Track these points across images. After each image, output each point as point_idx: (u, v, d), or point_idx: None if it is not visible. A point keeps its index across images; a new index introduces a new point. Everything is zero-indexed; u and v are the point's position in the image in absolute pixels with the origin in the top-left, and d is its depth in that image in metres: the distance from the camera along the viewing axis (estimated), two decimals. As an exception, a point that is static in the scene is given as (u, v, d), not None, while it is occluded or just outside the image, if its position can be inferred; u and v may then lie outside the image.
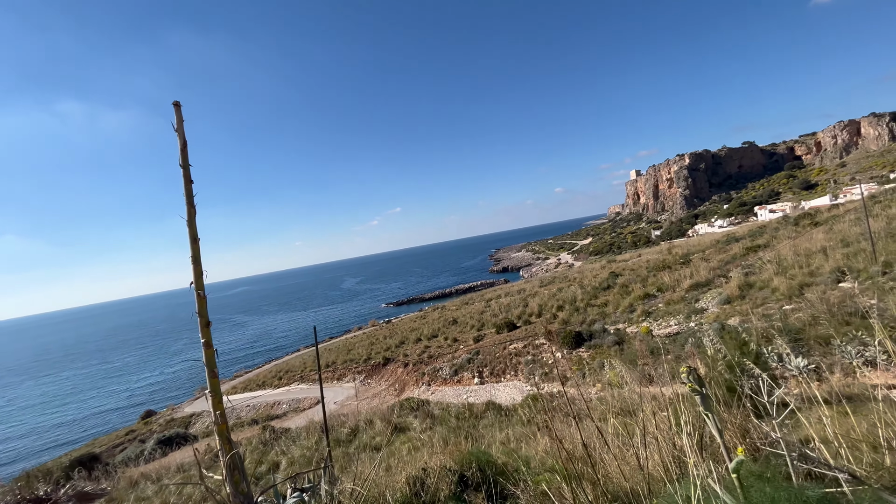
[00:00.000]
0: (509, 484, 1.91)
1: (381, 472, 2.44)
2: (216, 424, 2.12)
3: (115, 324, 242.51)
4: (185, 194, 2.21)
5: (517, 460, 2.09)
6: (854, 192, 72.60)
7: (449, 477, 1.97)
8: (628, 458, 1.77)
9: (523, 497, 1.79)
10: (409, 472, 2.11)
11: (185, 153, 2.19)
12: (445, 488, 1.93)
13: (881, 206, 25.60)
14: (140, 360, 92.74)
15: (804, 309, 15.48)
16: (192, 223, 2.19)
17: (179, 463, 16.19)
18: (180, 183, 2.12)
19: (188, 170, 2.19)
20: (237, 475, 2.03)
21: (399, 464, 3.38)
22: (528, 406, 12.25)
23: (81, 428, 49.48)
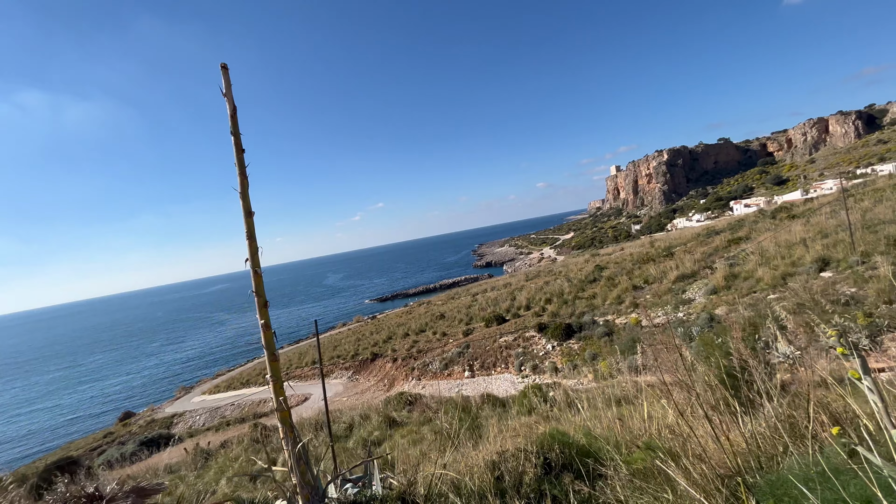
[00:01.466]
0: (597, 464, 1.84)
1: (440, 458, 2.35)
2: (278, 411, 1.98)
3: (86, 324, 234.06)
4: (236, 164, 2.04)
5: (594, 440, 2.02)
6: (824, 186, 75.49)
7: (532, 459, 1.87)
8: (722, 432, 1.72)
9: (617, 477, 1.72)
10: (484, 455, 2.01)
11: (235, 119, 2.01)
12: (531, 471, 1.84)
13: (854, 199, 26.60)
14: (114, 361, 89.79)
15: (788, 298, 16.00)
16: (245, 195, 2.03)
17: (167, 464, 15.71)
18: (159, 173, 1.97)
19: (239, 138, 2.02)
20: (303, 465, 1.90)
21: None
22: (531, 396, 12.28)
23: (54, 433, 47.61)
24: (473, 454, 2.12)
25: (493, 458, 1.97)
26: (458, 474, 1.90)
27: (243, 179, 2.02)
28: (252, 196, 2.01)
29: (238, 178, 2.04)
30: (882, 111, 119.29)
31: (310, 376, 36.58)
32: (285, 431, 1.97)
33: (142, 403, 50.38)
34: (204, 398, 39.66)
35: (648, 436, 2.19)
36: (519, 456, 1.95)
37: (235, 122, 2.02)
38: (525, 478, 1.81)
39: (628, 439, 2.01)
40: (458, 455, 2.55)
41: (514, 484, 1.80)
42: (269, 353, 1.96)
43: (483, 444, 2.46)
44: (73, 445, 36.23)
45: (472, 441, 5.22)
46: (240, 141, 2.03)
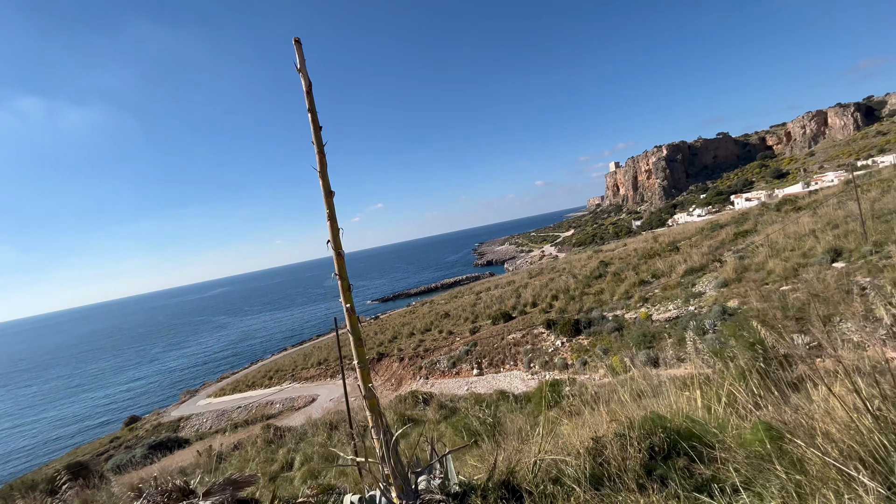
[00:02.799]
0: (705, 447, 1.75)
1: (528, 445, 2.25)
2: (367, 398, 1.88)
3: (87, 330, 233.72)
4: (314, 142, 1.94)
5: (695, 423, 1.93)
6: (825, 179, 75.45)
7: (634, 444, 1.78)
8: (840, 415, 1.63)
9: (732, 459, 1.63)
10: (580, 440, 1.92)
11: (311, 96, 1.92)
12: (636, 455, 1.75)
13: (861, 190, 26.51)
14: (116, 367, 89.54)
15: (802, 289, 15.92)
16: (324, 174, 1.92)
17: (180, 466, 15.62)
18: (158, 178, 1.87)
19: (316, 114, 1.93)
20: (394, 456, 1.80)
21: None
22: (547, 392, 12.19)
23: (59, 439, 47.44)
24: (567, 440, 2.02)
25: (588, 444, 1.88)
26: (556, 460, 1.80)
27: (322, 158, 1.92)
28: (251, 199, 1.94)
29: (317, 157, 1.94)
30: (880, 103, 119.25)
31: (316, 377, 36.47)
32: (375, 420, 1.87)
33: (146, 408, 50.24)
34: (210, 401, 39.54)
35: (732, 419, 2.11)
36: (617, 441, 1.86)
37: (311, 98, 1.92)
38: (629, 463, 1.72)
39: (720, 423, 1.92)
40: (535, 444, 2.44)
41: (620, 468, 1.71)
42: (354, 338, 1.86)
43: (537, 436, 2.37)
44: (79, 451, 36.11)
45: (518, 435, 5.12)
46: (316, 117, 1.93)
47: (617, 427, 1.96)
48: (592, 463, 1.78)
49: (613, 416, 2.12)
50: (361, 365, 1.89)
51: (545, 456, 1.84)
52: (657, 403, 3.74)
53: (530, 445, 1.92)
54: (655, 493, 1.55)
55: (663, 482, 1.64)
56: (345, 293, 1.90)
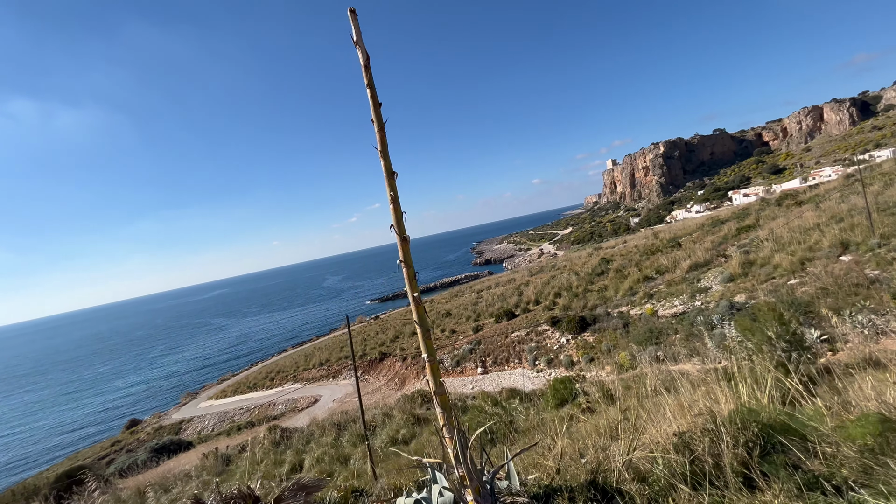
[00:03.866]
0: (806, 442, 1.63)
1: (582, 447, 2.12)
2: (438, 394, 1.75)
3: (84, 334, 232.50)
4: (374, 119, 1.80)
5: (788, 417, 1.81)
6: (822, 174, 75.69)
7: (725, 439, 1.65)
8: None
9: (840, 454, 1.51)
10: (663, 437, 1.79)
11: (369, 70, 1.78)
12: (731, 451, 1.63)
13: (862, 183, 26.50)
14: (115, 371, 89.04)
15: (810, 283, 15.86)
16: (385, 154, 1.79)
17: (185, 469, 15.45)
18: (154, 179, 1.73)
19: (374, 90, 1.79)
20: (468, 455, 1.67)
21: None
22: (560, 389, 12.07)
23: (59, 444, 47.06)
24: (647, 437, 1.89)
25: (674, 441, 1.76)
26: (642, 458, 1.68)
27: (382, 136, 1.79)
28: (248, 200, 1.80)
29: (377, 135, 1.80)
30: (876, 98, 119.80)
31: (318, 378, 36.30)
32: (447, 418, 1.73)
33: (146, 411, 49.92)
34: (211, 403, 39.30)
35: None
36: (705, 436, 1.74)
37: (369, 72, 1.78)
38: (725, 459, 1.60)
39: (813, 415, 1.80)
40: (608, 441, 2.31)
41: (716, 466, 1.59)
42: (422, 330, 1.73)
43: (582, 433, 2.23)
44: (80, 455, 35.83)
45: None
46: (375, 93, 1.80)
47: (702, 421, 1.84)
48: (682, 460, 1.66)
49: (689, 410, 1.99)
50: (431, 359, 1.75)
51: (637, 453, 1.71)
52: (700, 397, 3.62)
53: (617, 442, 1.80)
54: (767, 492, 1.42)
55: (766, 479, 1.52)
56: (410, 281, 1.77)
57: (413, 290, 1.74)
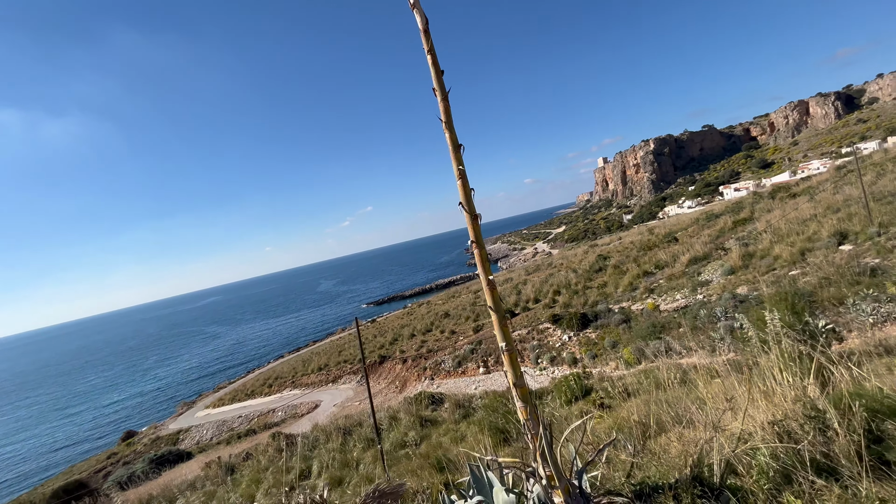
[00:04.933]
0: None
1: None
2: (518, 387, 1.59)
3: (76, 345, 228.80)
4: (436, 89, 1.65)
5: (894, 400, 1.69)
6: (810, 167, 76.67)
7: (833, 425, 1.51)
8: None
9: None
10: (758, 423, 1.66)
11: (429, 35, 1.63)
12: (844, 438, 1.49)
13: (855, 174, 26.82)
14: (109, 382, 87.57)
15: (811, 272, 15.92)
16: (450, 125, 1.63)
17: (186, 480, 15.12)
18: (143, 188, 1.58)
19: (436, 56, 1.64)
20: (553, 452, 1.52)
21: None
22: (570, 385, 11.95)
23: (53, 458, 46.06)
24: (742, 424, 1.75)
25: (776, 430, 1.62)
26: (739, 450, 1.54)
27: (446, 106, 1.64)
28: (240, 206, 1.65)
29: (440, 106, 1.65)
30: (860, 91, 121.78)
31: (317, 383, 35.90)
32: (530, 412, 1.58)
33: (142, 422, 49.10)
34: (209, 412, 38.72)
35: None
36: (810, 423, 1.61)
37: (429, 37, 1.63)
38: (836, 446, 1.47)
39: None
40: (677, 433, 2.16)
41: (823, 454, 1.46)
42: (498, 316, 1.58)
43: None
44: (75, 469, 35.07)
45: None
46: (437, 60, 1.65)
47: (801, 407, 1.71)
48: (790, 449, 1.53)
49: (775, 397, 1.85)
50: (509, 348, 1.60)
51: (742, 445, 1.57)
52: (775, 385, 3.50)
53: (719, 432, 1.66)
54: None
55: (888, 467, 1.40)
56: (483, 263, 1.62)
57: (486, 272, 1.59)
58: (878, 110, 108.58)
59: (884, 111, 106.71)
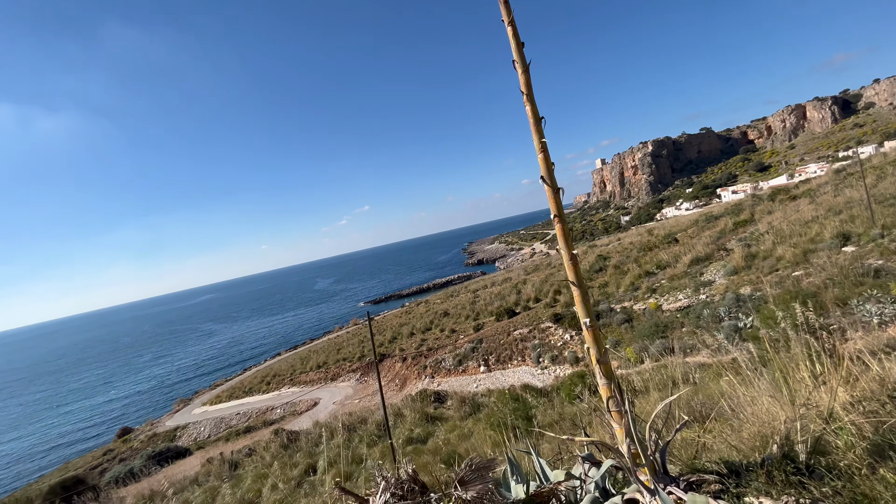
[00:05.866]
0: None
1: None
2: (601, 364, 1.56)
3: (69, 342, 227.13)
4: (516, 61, 1.60)
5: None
6: (808, 170, 77.19)
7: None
8: None
9: None
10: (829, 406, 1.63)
11: (509, 6, 1.58)
12: None
13: (855, 177, 27.00)
14: (103, 379, 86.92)
15: (815, 273, 15.99)
16: (531, 97, 1.59)
17: (189, 475, 15.02)
18: (138, 185, 1.55)
19: (516, 27, 1.59)
20: (638, 433, 1.48)
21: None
22: (576, 383, 11.94)
23: (47, 455, 45.60)
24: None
25: (858, 409, 1.61)
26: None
27: (527, 78, 1.60)
28: (235, 203, 1.61)
29: (521, 78, 1.61)
30: (856, 96, 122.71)
31: (316, 381, 35.78)
32: (613, 389, 1.55)
33: (138, 419, 48.75)
34: (206, 409, 38.51)
35: None
36: (892, 403, 1.58)
37: (509, 8, 1.59)
38: None
39: None
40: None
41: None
42: (581, 292, 1.54)
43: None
44: (70, 465, 34.78)
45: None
46: (517, 31, 1.61)
47: (860, 392, 1.69)
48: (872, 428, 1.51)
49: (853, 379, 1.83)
50: (592, 324, 1.57)
51: (831, 423, 1.54)
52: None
53: (810, 409, 1.63)
54: None
55: None
56: (566, 238, 1.58)
57: (569, 248, 1.55)
58: (875, 115, 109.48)
59: (880, 116, 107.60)
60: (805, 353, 3.83)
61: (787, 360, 3.11)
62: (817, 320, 8.30)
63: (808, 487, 1.30)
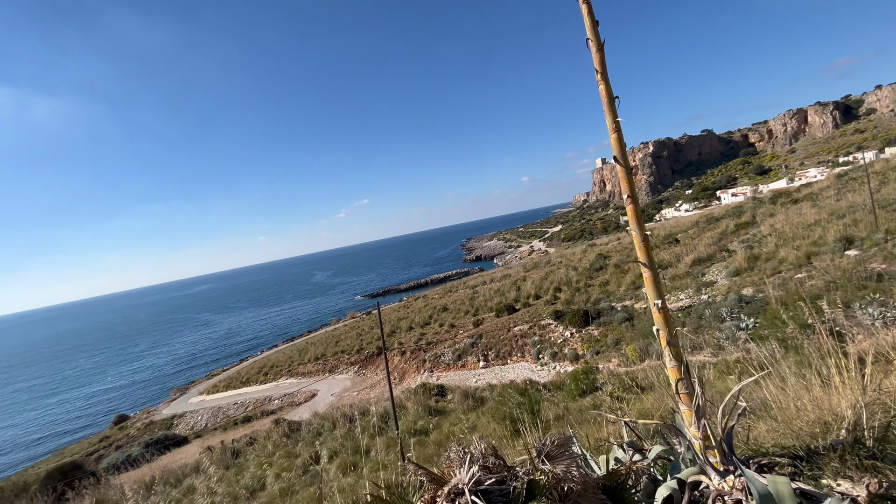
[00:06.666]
0: None
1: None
2: (670, 346, 1.55)
3: (64, 328, 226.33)
4: (590, 39, 1.57)
5: None
6: (808, 175, 77.39)
7: None
8: None
9: None
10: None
11: None
12: None
13: (857, 182, 27.10)
14: (98, 366, 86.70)
15: (818, 276, 16.07)
16: (605, 75, 1.56)
17: (188, 463, 15.02)
18: (136, 172, 1.51)
19: (590, 5, 1.57)
20: (705, 417, 1.47)
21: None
22: (580, 379, 11.98)
23: (41, 441, 45.49)
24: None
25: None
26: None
27: (601, 57, 1.56)
28: (233, 193, 1.58)
29: (595, 57, 1.58)
30: (858, 101, 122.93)
31: (314, 372, 35.80)
32: (682, 372, 1.54)
33: (133, 407, 48.69)
34: (203, 398, 38.50)
35: None
36: None
37: None
38: None
39: None
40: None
41: None
42: (651, 273, 1.52)
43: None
44: (66, 451, 34.76)
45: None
46: (592, 9, 1.58)
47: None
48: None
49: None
50: (663, 307, 1.55)
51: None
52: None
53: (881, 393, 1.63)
54: None
55: None
56: (638, 219, 1.56)
57: (641, 228, 1.54)
58: (876, 121, 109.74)
59: (881, 122, 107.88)
60: (834, 349, 3.83)
61: (818, 353, 3.12)
62: (829, 320, 8.32)
63: (882, 471, 1.31)
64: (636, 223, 1.54)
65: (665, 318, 1.53)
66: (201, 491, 10.75)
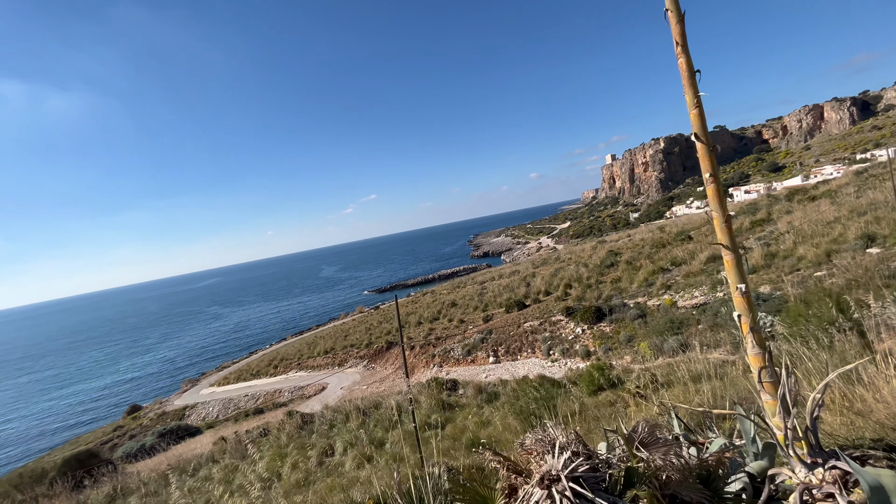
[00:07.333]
0: None
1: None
2: (754, 332, 1.47)
3: (76, 320, 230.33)
4: (669, 10, 1.49)
5: None
6: (823, 172, 76.02)
7: None
8: None
9: None
10: None
11: None
12: None
13: (878, 179, 26.52)
14: (110, 357, 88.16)
15: (838, 274, 15.76)
16: (685, 48, 1.48)
17: (207, 452, 15.18)
18: (147, 166, 1.45)
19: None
20: (788, 406, 1.40)
21: None
22: (595, 376, 11.87)
23: (55, 430, 46.38)
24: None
25: None
26: None
27: (682, 28, 1.48)
28: (243, 188, 1.51)
29: (674, 29, 1.50)
30: (876, 97, 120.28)
31: (324, 366, 36.05)
32: (766, 359, 1.46)
33: (145, 397, 49.48)
34: (214, 390, 38.97)
35: None
36: None
37: None
38: None
39: None
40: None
41: None
42: (734, 256, 1.45)
43: None
44: (80, 440, 35.43)
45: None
46: None
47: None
48: None
49: None
50: (746, 291, 1.47)
51: None
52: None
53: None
54: None
55: None
56: (720, 200, 1.48)
57: (724, 209, 1.46)
58: (894, 118, 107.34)
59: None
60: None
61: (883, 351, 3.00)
62: (859, 318, 8.15)
63: None
64: (718, 203, 1.47)
65: (748, 304, 1.45)
66: (218, 479, 10.87)
